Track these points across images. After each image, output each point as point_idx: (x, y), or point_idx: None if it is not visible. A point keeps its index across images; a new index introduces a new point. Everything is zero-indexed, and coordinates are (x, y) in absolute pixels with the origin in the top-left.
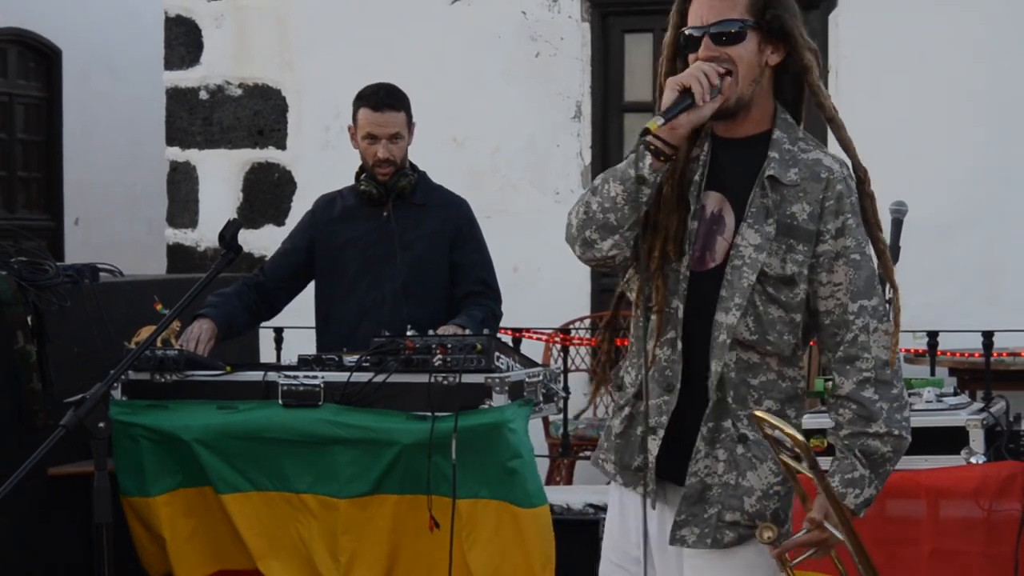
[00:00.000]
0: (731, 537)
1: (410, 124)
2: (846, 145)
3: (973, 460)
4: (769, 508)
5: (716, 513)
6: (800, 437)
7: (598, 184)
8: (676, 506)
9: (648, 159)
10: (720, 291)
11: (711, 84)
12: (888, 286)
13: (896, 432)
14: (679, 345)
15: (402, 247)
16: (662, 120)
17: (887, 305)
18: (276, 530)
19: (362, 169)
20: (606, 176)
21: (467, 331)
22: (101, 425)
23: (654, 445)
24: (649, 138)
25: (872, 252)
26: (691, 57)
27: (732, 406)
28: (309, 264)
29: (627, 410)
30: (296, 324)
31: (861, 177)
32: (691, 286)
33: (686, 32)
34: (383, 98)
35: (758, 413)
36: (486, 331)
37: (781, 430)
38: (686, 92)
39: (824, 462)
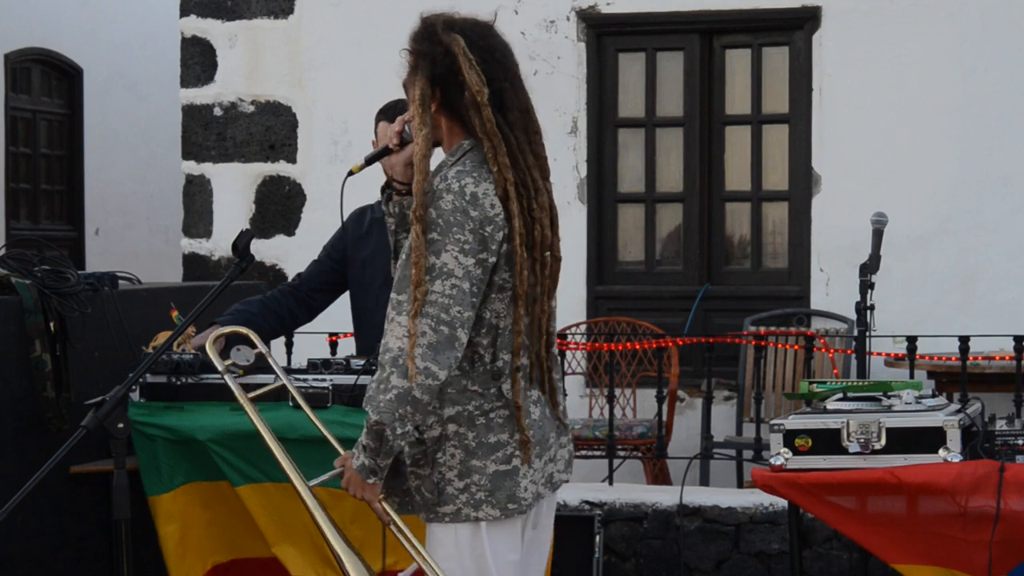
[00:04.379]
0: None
1: None
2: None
3: (950, 458)
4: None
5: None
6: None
7: None
8: None
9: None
10: None
11: (396, 132)
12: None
13: (368, 408)
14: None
15: None
16: (362, 161)
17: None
18: (290, 518)
19: (387, 183)
20: None
21: None
22: (120, 426)
23: None
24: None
25: (429, 261)
26: None
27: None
28: (341, 273)
29: None
30: (306, 330)
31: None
32: None
33: None
34: (398, 112)
35: None
36: None
37: None
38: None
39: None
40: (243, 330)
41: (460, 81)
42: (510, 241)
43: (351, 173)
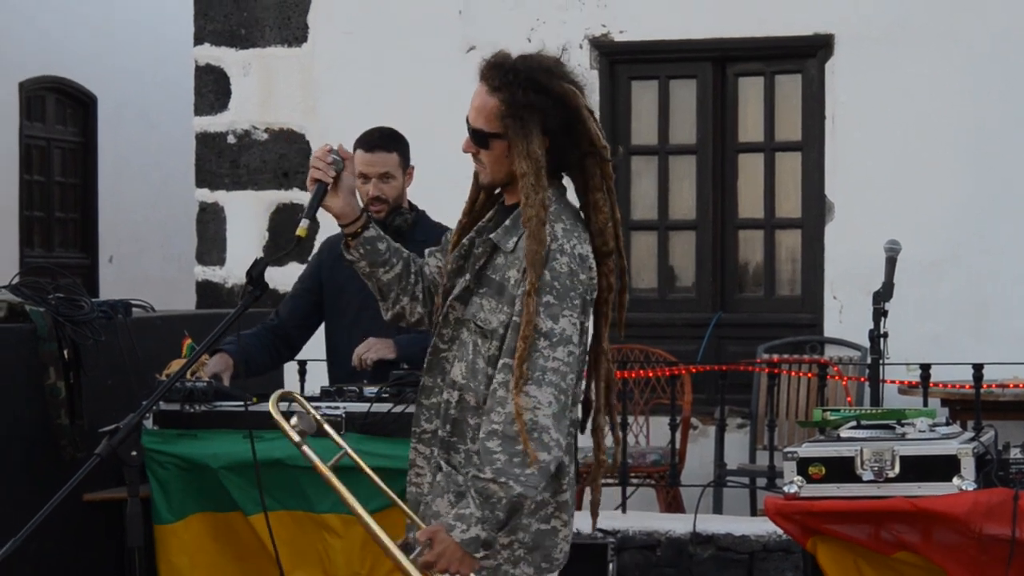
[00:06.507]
0: (417, 552)
1: (405, 166)
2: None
3: (964, 487)
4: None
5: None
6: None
7: None
8: None
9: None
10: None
11: (325, 163)
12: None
13: (504, 480)
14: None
15: None
16: (306, 221)
17: (542, 368)
18: (304, 545)
19: (364, 209)
20: None
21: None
22: (134, 453)
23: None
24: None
25: (547, 326)
26: None
27: (447, 438)
28: (318, 304)
29: None
30: (319, 357)
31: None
32: None
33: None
34: (375, 140)
35: None
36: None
37: None
38: (316, 183)
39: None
40: (295, 397)
41: (578, 132)
42: (605, 296)
43: (299, 240)
